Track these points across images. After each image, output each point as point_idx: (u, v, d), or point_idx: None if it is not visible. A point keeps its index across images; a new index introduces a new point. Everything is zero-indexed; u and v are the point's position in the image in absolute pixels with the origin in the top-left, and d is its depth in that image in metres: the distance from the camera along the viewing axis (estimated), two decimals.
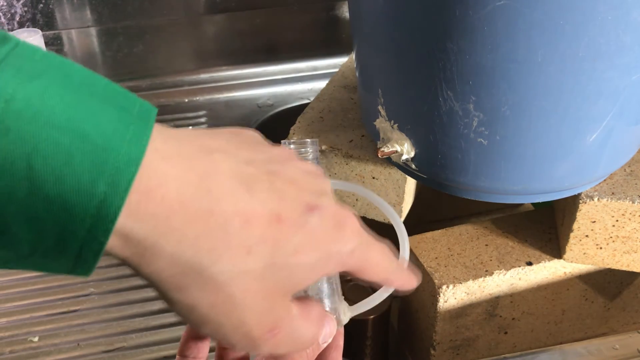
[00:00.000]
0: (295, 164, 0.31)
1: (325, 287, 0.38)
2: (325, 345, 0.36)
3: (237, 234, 0.26)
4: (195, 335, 0.40)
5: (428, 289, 0.60)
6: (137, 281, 0.67)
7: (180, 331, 0.62)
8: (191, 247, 0.25)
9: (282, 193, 0.29)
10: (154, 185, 0.24)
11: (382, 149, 0.53)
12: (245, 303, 0.27)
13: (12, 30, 0.90)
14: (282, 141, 0.40)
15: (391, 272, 0.36)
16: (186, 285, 0.26)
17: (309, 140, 0.40)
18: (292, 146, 0.39)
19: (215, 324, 0.28)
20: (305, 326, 0.32)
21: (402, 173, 0.57)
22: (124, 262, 0.26)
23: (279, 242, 0.28)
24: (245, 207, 0.27)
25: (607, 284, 0.65)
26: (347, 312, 0.39)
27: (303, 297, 0.33)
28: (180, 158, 0.25)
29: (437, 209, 0.81)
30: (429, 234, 0.64)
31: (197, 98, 0.97)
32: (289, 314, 0.30)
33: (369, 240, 0.33)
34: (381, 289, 0.40)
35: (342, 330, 0.39)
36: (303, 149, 0.39)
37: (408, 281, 0.37)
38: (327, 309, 0.37)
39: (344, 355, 0.39)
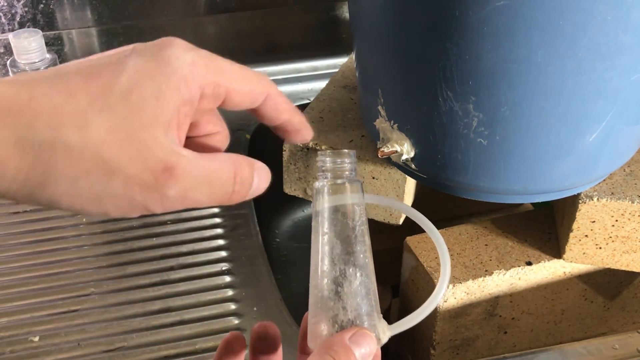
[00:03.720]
0: None
1: (364, 302, 0.37)
2: None
3: (64, 104, 0.28)
4: (231, 348, 0.40)
5: (428, 289, 0.60)
6: (137, 281, 0.67)
7: (181, 331, 0.62)
8: (29, 129, 0.27)
9: (92, 60, 0.30)
10: None
11: (382, 149, 0.53)
12: (115, 156, 0.28)
13: (13, 30, 0.90)
14: (319, 152, 0.39)
15: (267, 83, 0.34)
16: (51, 167, 0.27)
17: (346, 151, 0.39)
18: (328, 157, 0.39)
19: (109, 192, 0.28)
20: (213, 164, 0.31)
21: (402, 173, 0.57)
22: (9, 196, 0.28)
23: (106, 92, 0.28)
24: (59, 84, 0.28)
25: (607, 284, 0.65)
26: (387, 331, 0.37)
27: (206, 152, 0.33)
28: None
29: (437, 209, 0.82)
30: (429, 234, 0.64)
31: None
32: (176, 152, 0.29)
33: (211, 54, 0.32)
34: (421, 306, 0.39)
35: (379, 352, 0.38)
36: (339, 160, 0.39)
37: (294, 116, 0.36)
38: (366, 326, 0.36)
39: None
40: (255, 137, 0.89)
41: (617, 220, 0.55)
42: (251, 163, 0.33)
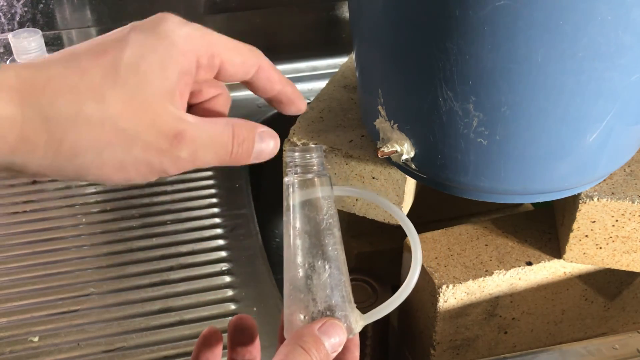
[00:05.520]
0: None
1: (334, 293, 0.37)
2: (335, 354, 0.36)
3: (80, 82, 0.30)
4: (208, 342, 0.41)
5: (428, 289, 0.60)
6: (137, 281, 0.67)
7: (181, 331, 0.62)
8: (52, 107, 0.29)
9: (97, 40, 0.32)
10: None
11: (382, 149, 0.53)
12: (132, 125, 0.31)
13: (12, 30, 0.90)
14: (287, 148, 0.40)
15: (259, 56, 0.36)
16: (77, 140, 0.30)
17: (313, 146, 0.39)
18: (296, 153, 0.39)
19: (131, 160, 0.31)
20: (214, 127, 0.33)
21: (402, 173, 0.57)
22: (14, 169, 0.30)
23: (115, 66, 0.31)
24: (72, 64, 0.30)
25: (607, 284, 0.65)
26: (360, 321, 0.38)
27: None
28: (16, 67, 0.30)
29: (437, 209, 0.82)
30: (429, 234, 0.64)
31: None
32: (183, 119, 0.32)
33: (205, 28, 0.34)
34: (394, 295, 0.39)
35: (357, 341, 0.38)
36: (308, 155, 0.39)
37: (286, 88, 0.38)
38: (337, 316, 0.37)
39: None
40: None
41: (617, 220, 0.55)
42: (252, 126, 0.35)
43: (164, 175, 0.33)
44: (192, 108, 0.36)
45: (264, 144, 0.35)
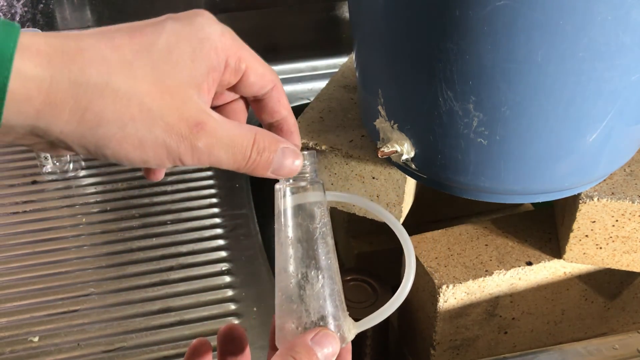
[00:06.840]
0: None
1: (327, 304, 0.37)
2: None
3: (111, 55, 0.30)
4: (198, 353, 0.40)
5: (428, 289, 0.60)
6: (137, 281, 0.67)
7: (181, 331, 0.62)
8: (82, 74, 0.29)
9: (130, 23, 0.33)
10: (29, 44, 0.29)
11: (382, 149, 0.53)
12: (158, 105, 0.31)
13: None
14: None
15: (276, 74, 0.37)
16: (103, 110, 0.30)
17: (306, 152, 0.38)
18: None
19: (151, 139, 0.31)
20: (236, 128, 0.34)
21: (402, 173, 0.57)
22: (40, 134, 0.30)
23: (149, 48, 0.31)
24: (104, 38, 0.31)
25: (607, 284, 0.65)
26: (353, 329, 0.37)
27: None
28: (45, 35, 0.30)
29: (437, 209, 0.82)
30: (429, 234, 0.64)
31: None
32: (207, 112, 0.33)
33: (233, 31, 0.35)
34: (387, 303, 0.39)
35: (349, 347, 0.38)
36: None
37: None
38: (330, 326, 0.36)
39: None
40: None
41: (617, 220, 0.55)
42: (276, 139, 0.35)
43: (178, 164, 0.33)
44: (213, 110, 0.37)
45: (286, 161, 0.35)
